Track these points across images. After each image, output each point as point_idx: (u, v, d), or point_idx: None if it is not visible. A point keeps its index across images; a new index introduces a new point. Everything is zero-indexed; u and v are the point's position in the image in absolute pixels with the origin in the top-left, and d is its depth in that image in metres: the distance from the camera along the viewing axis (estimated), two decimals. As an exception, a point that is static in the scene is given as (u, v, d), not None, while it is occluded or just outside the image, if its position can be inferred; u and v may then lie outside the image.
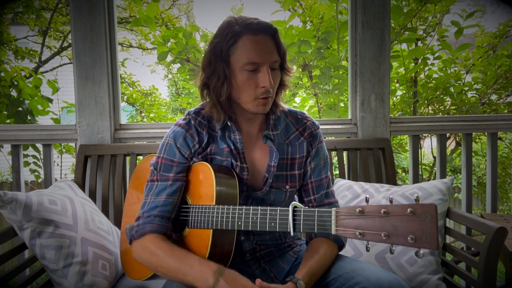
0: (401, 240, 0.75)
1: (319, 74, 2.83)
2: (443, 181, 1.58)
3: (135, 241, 1.13)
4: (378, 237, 0.78)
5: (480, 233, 1.42)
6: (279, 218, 0.97)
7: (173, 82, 6.40)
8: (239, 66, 1.07)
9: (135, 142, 2.02)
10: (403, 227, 0.75)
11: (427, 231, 0.73)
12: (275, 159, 1.17)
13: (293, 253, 1.26)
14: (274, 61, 1.09)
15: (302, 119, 1.26)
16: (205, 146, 1.18)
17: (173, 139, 1.18)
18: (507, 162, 3.51)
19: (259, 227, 1.00)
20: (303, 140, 1.23)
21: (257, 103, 1.10)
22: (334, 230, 0.86)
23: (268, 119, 1.21)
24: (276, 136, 1.21)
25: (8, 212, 1.30)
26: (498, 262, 1.26)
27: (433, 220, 0.73)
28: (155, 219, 1.11)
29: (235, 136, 1.18)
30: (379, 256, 1.46)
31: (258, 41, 1.06)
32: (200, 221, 1.10)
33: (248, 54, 1.05)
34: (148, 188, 1.18)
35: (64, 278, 1.32)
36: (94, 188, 1.85)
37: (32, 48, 4.67)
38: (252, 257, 1.22)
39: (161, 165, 1.17)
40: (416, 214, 0.74)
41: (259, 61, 1.06)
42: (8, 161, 2.71)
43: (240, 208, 1.04)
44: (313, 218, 0.91)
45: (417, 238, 0.74)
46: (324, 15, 3.03)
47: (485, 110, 3.21)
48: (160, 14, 5.38)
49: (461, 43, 2.89)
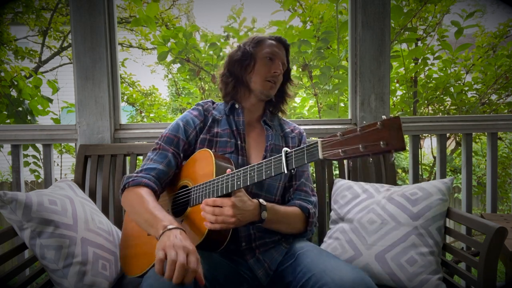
0: (376, 148, 0.87)
1: (319, 74, 2.83)
2: (443, 181, 1.58)
3: (129, 188, 1.29)
4: (357, 150, 0.90)
5: (480, 233, 1.42)
6: (273, 164, 1.07)
7: (173, 82, 6.40)
8: (261, 56, 1.43)
9: (135, 142, 2.02)
10: (376, 138, 0.88)
11: (395, 135, 0.86)
12: (270, 140, 1.42)
13: (286, 243, 1.35)
14: (284, 63, 1.47)
15: (292, 123, 1.60)
16: (210, 126, 1.41)
17: (180, 120, 1.42)
18: (507, 162, 3.51)
19: (257, 178, 1.08)
20: (294, 135, 1.53)
21: (266, 84, 1.42)
22: (321, 155, 0.95)
23: (266, 113, 1.52)
24: (273, 125, 1.50)
25: (8, 212, 1.30)
26: (498, 262, 1.26)
27: (399, 128, 0.87)
28: (151, 177, 1.29)
29: (239, 118, 1.43)
30: (379, 256, 1.46)
31: (277, 45, 1.46)
32: (202, 195, 1.19)
33: (270, 48, 1.44)
34: (150, 153, 1.38)
35: (64, 278, 1.32)
36: (94, 188, 1.85)
37: (32, 48, 4.67)
38: (247, 247, 1.27)
39: (165, 138, 1.39)
40: (385, 125, 0.87)
41: (275, 55, 1.44)
42: (8, 161, 2.71)
43: (238, 170, 1.13)
44: (302, 152, 1.01)
45: (388, 142, 0.86)
46: (324, 15, 3.03)
47: (485, 110, 3.21)
48: (160, 14, 5.38)
49: (461, 43, 2.89)
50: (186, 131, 1.39)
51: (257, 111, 1.51)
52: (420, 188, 1.57)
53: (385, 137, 0.86)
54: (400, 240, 1.46)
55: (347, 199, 1.66)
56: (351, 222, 1.58)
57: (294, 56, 2.82)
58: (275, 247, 1.32)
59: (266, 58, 1.42)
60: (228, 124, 1.42)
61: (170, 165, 1.34)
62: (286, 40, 1.49)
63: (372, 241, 1.49)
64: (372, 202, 1.59)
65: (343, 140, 0.92)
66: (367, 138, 0.89)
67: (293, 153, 1.03)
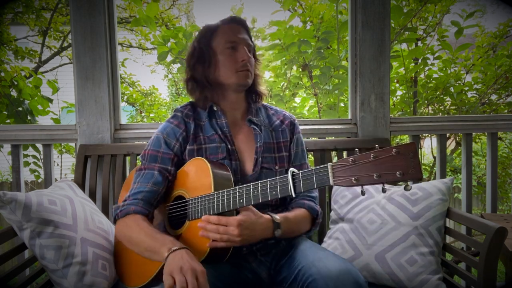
0: (391, 176, 0.84)
1: (319, 74, 2.83)
2: (443, 181, 1.58)
3: (119, 220, 1.22)
4: (371, 179, 0.86)
5: (480, 233, 1.42)
6: (279, 185, 1.02)
7: (173, 82, 6.40)
8: (221, 49, 1.27)
9: (135, 142, 2.01)
10: (391, 166, 0.85)
11: (411, 165, 0.83)
12: (259, 141, 1.31)
13: (285, 241, 1.31)
14: (249, 44, 1.30)
15: (281, 111, 1.45)
16: (194, 134, 1.30)
17: (160, 132, 1.31)
18: (507, 162, 3.50)
19: (261, 198, 1.04)
20: (284, 127, 1.39)
21: (239, 75, 1.27)
22: (332, 181, 0.92)
23: (250, 108, 1.38)
24: (260, 121, 1.36)
25: (7, 212, 1.30)
26: (498, 262, 1.26)
27: (416, 155, 0.84)
28: (139, 202, 1.22)
29: (221, 121, 1.32)
30: (379, 256, 1.45)
31: (233, 27, 1.29)
32: (201, 210, 1.14)
33: (226, 36, 1.27)
34: (135, 176, 1.29)
35: (64, 278, 1.32)
36: (94, 188, 1.85)
37: (32, 48, 4.67)
38: (248, 251, 1.25)
39: (147, 156, 1.29)
40: (401, 153, 0.84)
41: (236, 40, 1.27)
42: (8, 161, 2.71)
43: (240, 187, 1.07)
44: (311, 176, 0.97)
45: (404, 172, 0.83)
46: (324, 15, 3.03)
47: (485, 110, 3.20)
48: (160, 14, 5.38)
49: (461, 43, 2.89)
50: (168, 144, 1.29)
51: (239, 107, 1.37)
52: (420, 188, 1.57)
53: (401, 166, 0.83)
54: (400, 240, 1.46)
55: (347, 199, 1.66)
56: (351, 222, 1.58)
57: (294, 56, 2.82)
58: (276, 247, 1.30)
59: (227, 49, 1.27)
60: (213, 128, 1.31)
61: (158, 184, 1.25)
62: (239, 18, 1.33)
63: (372, 241, 1.49)
64: (372, 202, 1.59)
65: (355, 166, 0.88)
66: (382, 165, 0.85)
67: (301, 175, 0.99)
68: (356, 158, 0.89)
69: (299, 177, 0.99)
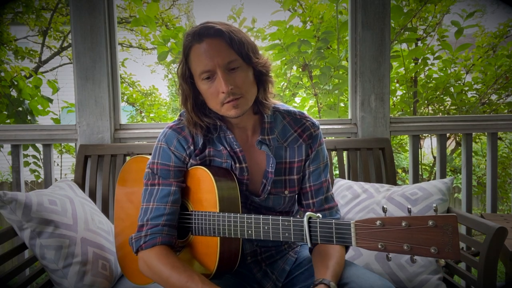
0: (424, 251, 0.76)
1: (319, 74, 2.83)
2: (443, 181, 1.58)
3: (142, 251, 1.09)
4: (400, 249, 0.78)
5: (480, 233, 1.42)
6: (293, 229, 0.95)
7: (173, 82, 6.40)
8: (198, 78, 1.06)
9: (135, 142, 2.02)
10: (425, 239, 0.76)
11: (449, 242, 0.74)
12: (272, 165, 1.13)
13: (294, 253, 1.26)
14: (229, 61, 1.04)
15: (301, 119, 1.19)
16: (202, 148, 1.14)
17: (165, 142, 1.14)
18: (507, 162, 3.50)
19: (272, 237, 0.97)
20: (301, 142, 1.17)
21: (226, 107, 1.05)
22: (355, 242, 0.84)
23: (263, 123, 1.16)
24: (273, 140, 1.16)
25: (8, 212, 1.30)
26: (498, 262, 1.26)
27: (455, 231, 0.74)
28: (163, 229, 1.08)
29: (228, 136, 1.14)
30: (379, 256, 1.45)
31: (204, 48, 1.03)
32: (206, 229, 1.08)
33: (198, 64, 1.04)
34: (149, 193, 1.13)
35: (64, 278, 1.32)
36: (94, 188, 1.85)
37: (32, 48, 4.67)
38: (253, 260, 1.21)
39: (158, 170, 1.13)
40: (438, 226, 0.75)
41: (210, 68, 1.03)
42: (8, 161, 2.71)
43: (248, 216, 1.01)
44: (331, 230, 0.89)
45: (440, 250, 0.74)
46: (324, 15, 3.03)
47: (485, 110, 3.21)
48: (160, 14, 5.38)
49: (461, 43, 2.89)
50: (178, 157, 1.13)
51: (247, 125, 1.17)
52: (420, 188, 1.57)
53: (437, 242, 0.74)
54: (400, 240, 1.46)
55: (347, 199, 1.66)
56: (351, 222, 1.58)
57: (294, 56, 2.82)
58: (282, 258, 1.24)
59: (204, 80, 1.05)
60: (221, 143, 1.15)
61: (176, 201, 1.12)
62: (213, 27, 1.03)
63: (372, 241, 1.49)
64: (372, 202, 1.59)
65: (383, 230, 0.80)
66: (414, 236, 0.77)
67: (318, 226, 0.90)
68: (384, 221, 0.80)
69: (316, 226, 0.90)
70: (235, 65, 1.05)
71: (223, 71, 1.03)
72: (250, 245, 1.20)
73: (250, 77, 1.08)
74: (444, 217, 0.75)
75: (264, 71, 1.10)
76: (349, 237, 0.85)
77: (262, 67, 1.10)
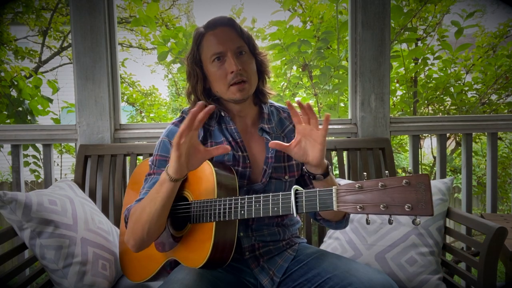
0: (399, 209, 0.80)
1: (319, 74, 2.83)
2: (443, 181, 1.58)
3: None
4: (377, 209, 0.82)
5: (480, 233, 1.42)
6: (281, 202, 1.00)
7: (173, 82, 6.40)
8: (208, 61, 1.19)
9: (135, 142, 2.02)
10: (400, 198, 0.80)
11: (422, 199, 0.78)
12: (271, 151, 1.23)
13: (292, 251, 1.27)
14: (238, 46, 1.19)
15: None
16: (203, 140, 1.23)
17: (166, 136, 1.24)
18: (507, 162, 3.51)
19: (262, 213, 1.02)
20: None
21: (232, 90, 1.18)
22: (335, 206, 0.88)
23: (262, 113, 1.29)
24: (271, 129, 1.28)
25: (8, 212, 1.31)
26: (498, 262, 1.26)
27: (428, 189, 0.78)
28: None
29: (230, 127, 1.24)
30: (379, 256, 1.46)
31: (217, 33, 1.19)
32: (203, 215, 1.12)
33: (211, 47, 1.18)
34: (145, 180, 1.24)
35: (64, 278, 1.32)
36: (94, 188, 1.85)
37: (32, 48, 4.67)
38: (251, 256, 1.22)
39: (156, 161, 1.23)
40: (411, 184, 0.79)
41: (222, 50, 1.17)
42: (8, 161, 2.71)
43: (242, 198, 1.06)
44: (314, 198, 0.94)
45: (413, 206, 0.78)
46: (324, 15, 3.03)
47: (485, 110, 3.21)
48: (160, 14, 5.38)
49: (461, 43, 2.89)
50: None
51: (248, 114, 1.28)
52: (420, 188, 1.56)
53: (411, 199, 0.78)
54: (400, 240, 1.46)
55: (347, 199, 1.66)
56: (351, 222, 1.58)
57: (294, 56, 2.82)
58: (280, 254, 1.26)
59: (214, 61, 1.18)
60: (223, 134, 1.24)
61: None
62: (225, 17, 1.21)
63: (372, 241, 1.49)
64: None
65: (362, 192, 0.84)
66: (390, 196, 0.81)
67: (304, 195, 0.96)
68: (363, 184, 0.85)
69: (302, 197, 0.96)
70: (244, 50, 1.20)
71: (233, 54, 1.17)
72: (248, 240, 1.22)
73: (254, 66, 1.23)
74: (417, 176, 0.79)
75: (264, 62, 1.26)
76: (330, 202, 0.90)
77: (263, 57, 1.26)
